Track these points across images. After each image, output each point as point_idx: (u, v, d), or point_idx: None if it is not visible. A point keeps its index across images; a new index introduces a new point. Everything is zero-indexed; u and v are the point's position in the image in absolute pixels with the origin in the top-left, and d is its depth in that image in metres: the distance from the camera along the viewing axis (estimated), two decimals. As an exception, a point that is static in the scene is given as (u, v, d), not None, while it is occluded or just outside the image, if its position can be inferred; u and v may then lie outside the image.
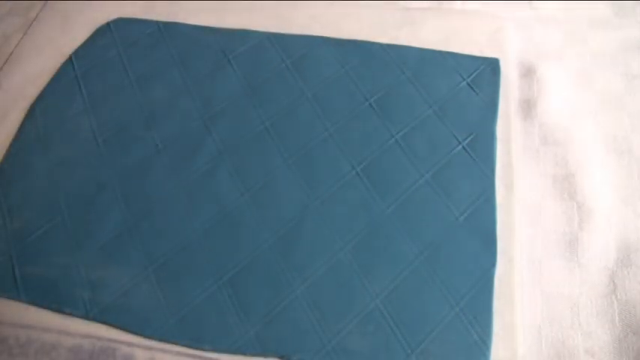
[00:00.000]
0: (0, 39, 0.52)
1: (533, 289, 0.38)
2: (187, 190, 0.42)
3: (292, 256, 0.39)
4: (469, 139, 0.43)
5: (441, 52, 0.48)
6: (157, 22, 0.52)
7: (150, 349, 0.36)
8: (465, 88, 0.46)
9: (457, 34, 0.50)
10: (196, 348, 0.36)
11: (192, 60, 0.49)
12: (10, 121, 0.46)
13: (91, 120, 0.46)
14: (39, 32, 0.53)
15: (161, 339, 0.36)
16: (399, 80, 0.47)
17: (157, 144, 0.44)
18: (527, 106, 0.46)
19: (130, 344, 0.36)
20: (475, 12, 0.52)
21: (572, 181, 0.42)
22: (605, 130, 0.44)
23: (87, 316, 0.37)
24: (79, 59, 0.50)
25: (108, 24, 0.52)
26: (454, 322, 0.36)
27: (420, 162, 0.42)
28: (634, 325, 0.36)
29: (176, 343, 0.36)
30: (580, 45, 0.49)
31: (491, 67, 0.47)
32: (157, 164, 0.43)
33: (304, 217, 0.40)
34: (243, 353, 0.35)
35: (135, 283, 0.38)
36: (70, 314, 0.37)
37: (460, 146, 0.43)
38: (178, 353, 0.36)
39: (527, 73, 0.48)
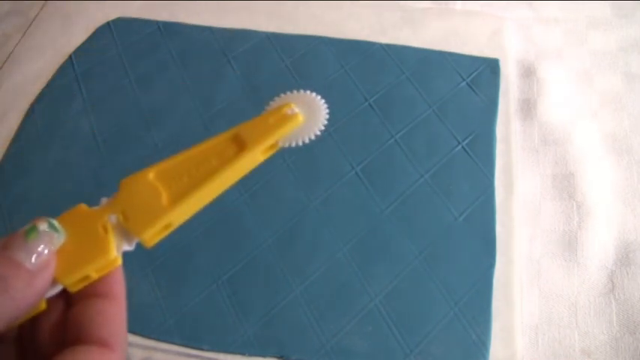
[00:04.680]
0: (0, 39, 0.52)
1: (532, 289, 0.37)
2: (187, 189, 0.42)
3: (291, 256, 0.39)
4: (469, 139, 0.43)
5: (440, 52, 0.48)
6: (157, 22, 0.52)
7: (148, 348, 0.36)
8: (465, 89, 0.46)
9: (457, 34, 0.50)
10: (195, 348, 0.36)
11: (192, 60, 0.49)
12: (9, 120, 0.47)
13: (91, 120, 0.46)
14: (39, 32, 0.53)
15: (159, 339, 0.36)
16: (398, 80, 0.47)
17: (156, 144, 0.45)
18: (527, 106, 0.46)
19: (128, 344, 0.36)
20: (475, 12, 0.52)
21: (571, 180, 0.41)
22: (605, 130, 0.44)
23: (85, 316, 0.37)
24: (79, 59, 0.50)
25: (108, 24, 0.52)
26: (453, 322, 0.36)
27: (419, 162, 0.42)
28: (631, 325, 0.35)
29: (175, 343, 0.36)
30: (580, 45, 0.49)
31: (491, 68, 0.47)
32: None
33: (303, 217, 0.40)
34: (242, 353, 0.35)
35: (134, 283, 0.38)
36: (69, 314, 0.37)
37: (460, 146, 0.43)
38: (177, 353, 0.36)
39: (527, 73, 0.47)
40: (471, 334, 0.35)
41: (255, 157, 0.24)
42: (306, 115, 0.25)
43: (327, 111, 0.26)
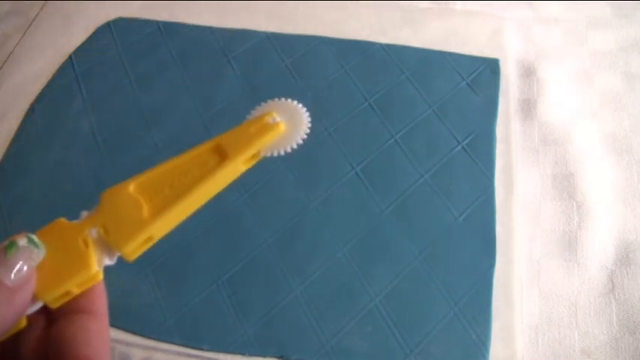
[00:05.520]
0: (0, 39, 0.52)
1: (532, 289, 0.37)
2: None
3: (291, 256, 0.39)
4: (469, 139, 0.43)
5: (440, 52, 0.48)
6: (157, 22, 0.52)
7: (148, 348, 0.36)
8: (465, 89, 0.46)
9: (457, 34, 0.50)
10: (195, 348, 0.36)
11: (192, 60, 0.49)
12: (9, 120, 0.47)
13: (91, 120, 0.46)
14: (39, 32, 0.53)
15: (159, 339, 0.36)
16: (398, 80, 0.47)
17: (156, 144, 0.45)
18: (527, 106, 0.46)
19: (127, 344, 0.36)
20: (475, 12, 0.52)
21: (571, 180, 0.41)
22: (605, 130, 0.44)
23: (85, 316, 0.37)
24: (79, 59, 0.50)
25: (108, 24, 0.52)
26: (453, 322, 0.36)
27: (419, 162, 0.42)
28: (631, 325, 0.35)
29: (175, 343, 0.36)
30: (580, 45, 0.49)
31: (490, 68, 0.47)
32: (156, 164, 0.43)
33: (303, 217, 0.40)
34: (242, 353, 0.35)
35: (134, 283, 0.38)
36: (69, 314, 0.37)
37: (460, 146, 0.43)
38: (177, 353, 0.36)
39: (527, 73, 0.47)
40: (471, 334, 0.35)
41: (236, 167, 0.24)
42: (287, 124, 0.25)
43: (309, 119, 0.25)
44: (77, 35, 0.52)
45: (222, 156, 0.24)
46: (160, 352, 0.36)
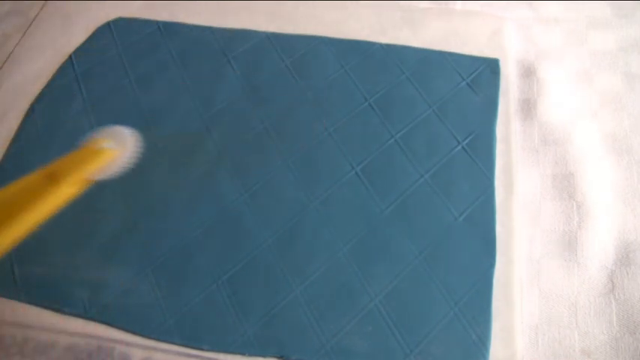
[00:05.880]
0: (0, 39, 0.52)
1: (532, 289, 0.37)
2: (187, 189, 0.42)
3: (291, 256, 0.39)
4: (469, 139, 0.43)
5: (440, 52, 0.48)
6: (157, 22, 0.52)
7: (148, 348, 0.36)
8: (465, 89, 0.46)
9: (457, 34, 0.50)
10: (195, 348, 0.36)
11: (192, 60, 0.49)
12: (9, 120, 0.46)
13: (91, 120, 0.46)
14: (39, 32, 0.53)
15: (159, 339, 0.36)
16: (398, 80, 0.47)
17: (156, 144, 0.44)
18: (527, 106, 0.46)
19: (127, 344, 0.36)
20: (475, 12, 0.52)
21: (571, 180, 0.41)
22: (605, 130, 0.44)
23: (85, 316, 0.37)
24: (79, 59, 0.50)
25: (108, 24, 0.52)
26: (453, 322, 0.36)
27: (419, 162, 0.42)
28: (631, 325, 0.35)
29: (174, 343, 0.36)
30: (580, 45, 0.49)
31: (490, 68, 0.47)
32: (156, 164, 0.43)
33: (303, 217, 0.40)
34: (242, 353, 0.35)
35: (134, 283, 0.38)
36: (69, 314, 0.37)
37: (460, 146, 0.43)
38: (177, 353, 0.36)
39: (527, 73, 0.47)
40: (471, 334, 0.35)
41: (65, 191, 0.26)
42: (117, 149, 0.29)
43: (138, 144, 0.29)
44: (77, 35, 0.52)
45: (52, 181, 0.25)
46: (159, 352, 0.36)
